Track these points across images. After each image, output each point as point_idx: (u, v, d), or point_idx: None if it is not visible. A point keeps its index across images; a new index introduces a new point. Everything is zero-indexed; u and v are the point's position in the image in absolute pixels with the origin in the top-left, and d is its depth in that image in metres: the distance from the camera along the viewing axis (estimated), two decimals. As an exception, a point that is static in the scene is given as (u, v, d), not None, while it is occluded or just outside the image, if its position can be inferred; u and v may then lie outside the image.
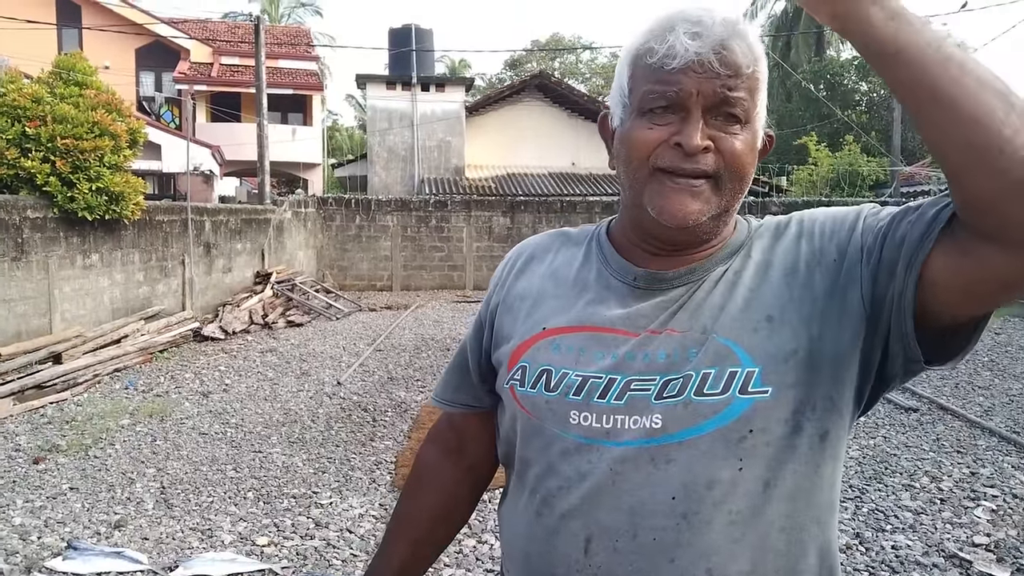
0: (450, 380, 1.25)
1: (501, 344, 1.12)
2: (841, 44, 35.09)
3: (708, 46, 0.91)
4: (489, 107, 23.26)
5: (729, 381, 0.93)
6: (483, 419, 1.23)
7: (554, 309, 1.07)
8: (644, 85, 0.96)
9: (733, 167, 0.95)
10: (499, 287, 1.17)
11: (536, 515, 1.03)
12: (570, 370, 1.01)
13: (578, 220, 17.41)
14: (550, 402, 1.02)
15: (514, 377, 1.06)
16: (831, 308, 0.95)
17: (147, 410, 6.68)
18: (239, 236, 13.23)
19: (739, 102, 0.94)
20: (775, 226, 1.05)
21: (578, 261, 1.11)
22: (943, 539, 4.04)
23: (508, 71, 44.89)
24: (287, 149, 22.75)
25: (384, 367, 8.67)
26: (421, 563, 1.26)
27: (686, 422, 0.94)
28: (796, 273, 0.98)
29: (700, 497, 0.93)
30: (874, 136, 26.68)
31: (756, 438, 0.93)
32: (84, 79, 9.40)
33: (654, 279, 1.03)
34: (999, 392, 7.35)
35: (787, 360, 0.93)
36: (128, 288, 9.96)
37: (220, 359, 9.15)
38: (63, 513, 4.41)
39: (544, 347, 1.05)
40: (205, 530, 4.19)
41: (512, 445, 1.10)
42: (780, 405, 0.93)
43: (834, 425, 0.97)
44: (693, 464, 0.94)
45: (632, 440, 0.96)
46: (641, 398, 0.96)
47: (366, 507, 4.50)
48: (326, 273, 17.33)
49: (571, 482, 0.99)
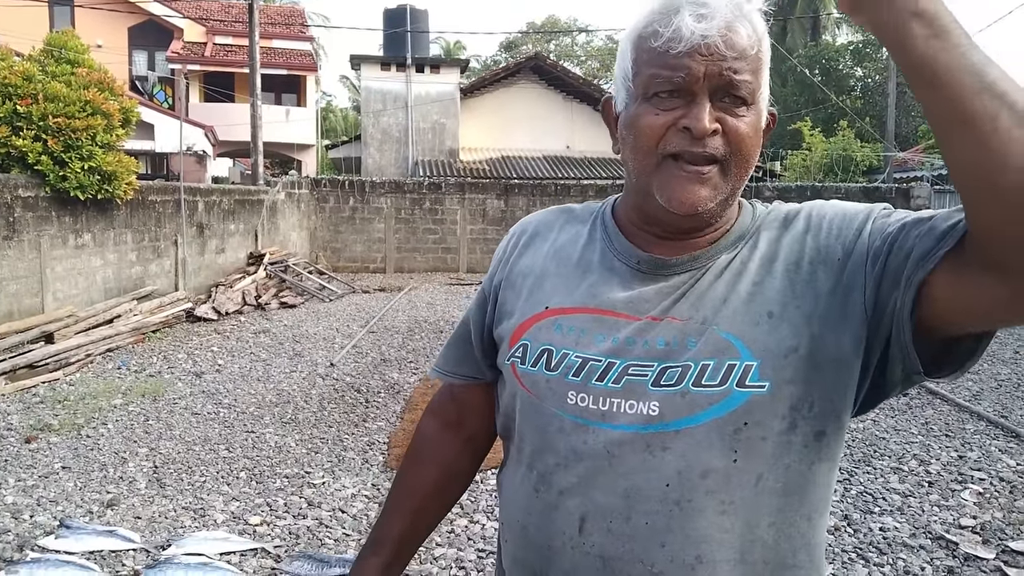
0: (452, 352, 1.26)
1: (503, 320, 1.12)
2: (836, 29, 35.02)
3: (715, 29, 0.90)
4: (484, 89, 23.16)
5: (728, 373, 0.93)
6: (483, 391, 1.23)
7: (557, 288, 1.07)
8: (649, 69, 0.95)
9: (740, 150, 0.95)
10: (502, 264, 1.17)
11: (534, 490, 1.05)
12: (571, 351, 1.02)
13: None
14: (550, 381, 1.03)
15: (515, 354, 1.07)
16: (832, 308, 0.94)
17: (140, 390, 6.68)
18: (232, 217, 13.18)
19: (745, 84, 0.93)
20: (783, 217, 1.03)
21: (583, 240, 1.11)
22: (930, 521, 4.08)
23: (503, 53, 44.66)
24: (281, 130, 22.63)
25: (377, 349, 8.68)
26: (420, 531, 1.29)
27: (683, 411, 0.95)
28: (800, 269, 0.97)
29: (693, 486, 0.95)
30: (868, 122, 26.67)
31: (751, 431, 0.94)
32: (76, 57, 9.32)
33: (658, 264, 1.02)
34: (987, 376, 7.41)
35: (786, 356, 0.93)
36: (121, 268, 9.93)
37: (213, 340, 9.15)
38: (55, 492, 4.42)
39: (546, 326, 1.05)
40: (198, 509, 4.20)
41: (511, 419, 1.12)
42: (777, 401, 0.94)
43: (830, 426, 0.98)
44: (688, 453, 0.94)
45: (628, 425, 0.97)
46: (638, 383, 0.97)
47: (358, 487, 4.52)
48: (319, 255, 17.30)
49: (568, 461, 1.00)
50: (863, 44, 32.36)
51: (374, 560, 1.25)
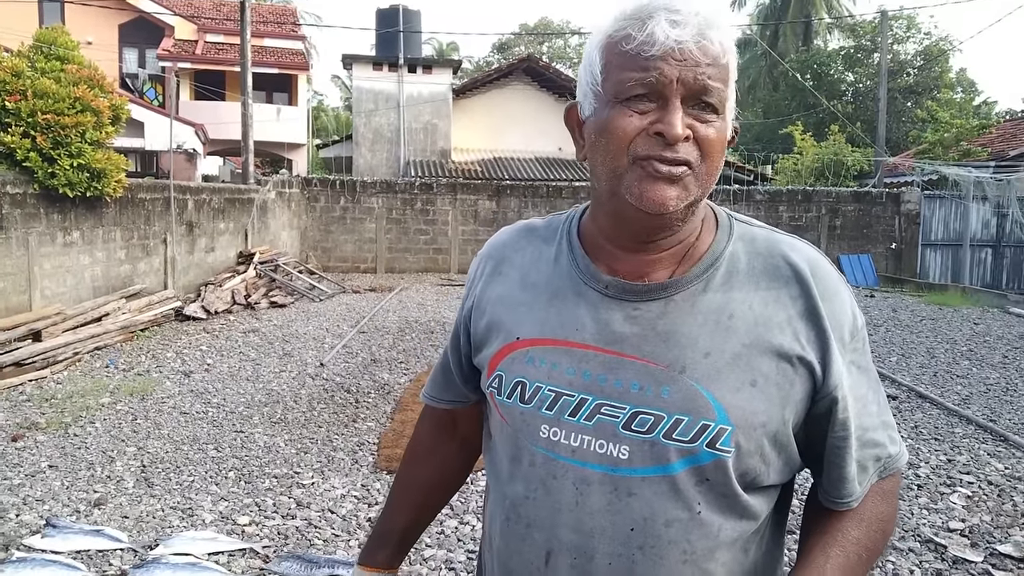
0: (438, 379, 1.31)
1: (481, 349, 1.14)
2: (828, 35, 35.19)
3: (689, 35, 0.91)
4: (476, 90, 23.14)
5: (700, 432, 0.95)
6: (473, 406, 1.28)
7: (526, 318, 1.07)
8: (621, 72, 0.94)
9: (709, 157, 0.95)
10: (471, 292, 1.18)
11: (506, 519, 1.08)
12: (543, 384, 1.03)
13: (564, 205, 17.38)
14: (524, 414, 1.05)
15: (492, 384, 1.10)
16: (797, 397, 0.99)
17: (128, 389, 6.64)
18: (222, 215, 13.13)
19: (717, 91, 0.93)
20: (771, 267, 1.02)
21: (548, 263, 1.10)
22: (919, 524, 4.10)
23: (496, 54, 44.69)
24: (272, 129, 22.55)
25: (367, 349, 8.66)
26: (421, 524, 1.38)
27: (650, 461, 0.97)
28: (784, 355, 0.98)
29: (657, 533, 0.97)
30: (859, 127, 26.81)
31: (714, 488, 0.97)
32: (66, 54, 9.25)
33: (625, 289, 1.02)
34: (976, 381, 7.44)
35: (756, 429, 0.96)
36: (109, 266, 9.87)
37: (202, 339, 9.10)
38: (42, 491, 4.38)
39: (519, 358, 1.06)
40: (186, 509, 4.18)
41: (492, 441, 1.16)
42: (740, 465, 0.97)
43: (786, 486, 1.07)
44: (654, 501, 0.97)
45: (597, 464, 0.99)
46: (610, 423, 0.98)
47: (348, 488, 4.50)
48: (310, 254, 17.24)
49: (537, 494, 1.03)
50: (855, 50, 32.55)
51: (381, 554, 1.33)
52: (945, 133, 20.01)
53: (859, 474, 1.02)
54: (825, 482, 1.04)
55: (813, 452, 1.04)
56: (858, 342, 1.03)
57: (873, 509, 1.05)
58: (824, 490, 1.05)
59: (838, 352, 0.99)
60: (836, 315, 1.00)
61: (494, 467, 1.13)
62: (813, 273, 1.01)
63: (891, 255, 18.13)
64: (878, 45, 25.64)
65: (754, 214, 17.78)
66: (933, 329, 10.63)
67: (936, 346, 9.33)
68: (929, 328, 10.72)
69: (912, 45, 31.89)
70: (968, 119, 21.51)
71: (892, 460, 1.06)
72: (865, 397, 1.03)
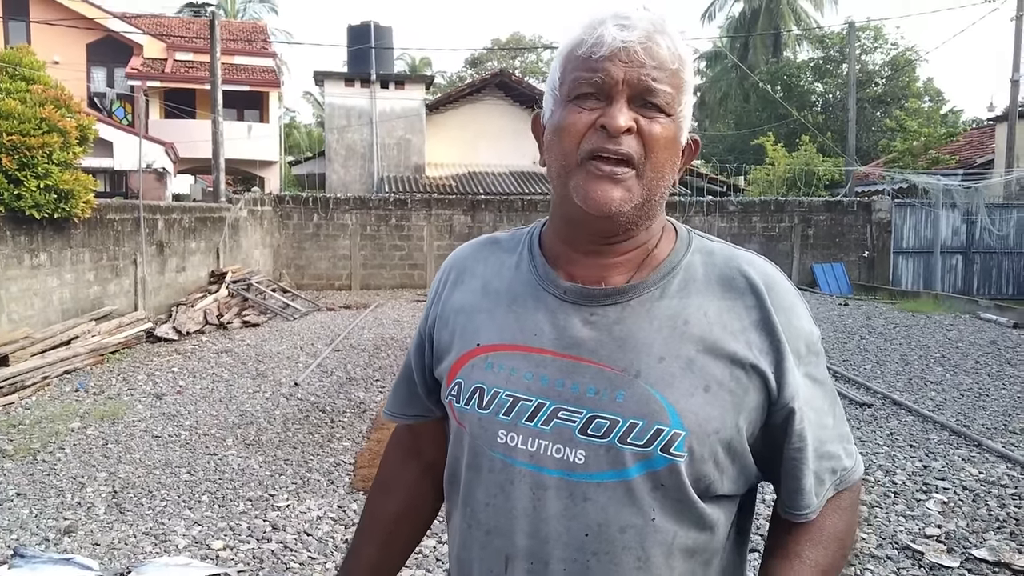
0: (399, 393, 1.28)
1: (442, 359, 1.14)
2: (797, 46, 35.67)
3: (635, 37, 0.95)
4: (450, 105, 23.16)
5: (654, 437, 0.95)
6: (437, 423, 1.25)
7: (487, 324, 1.08)
8: (573, 74, 0.99)
9: (654, 152, 0.97)
10: (435, 302, 1.19)
11: (467, 527, 1.07)
12: (501, 389, 1.03)
13: (538, 219, 17.42)
14: (482, 420, 1.04)
15: (452, 393, 1.09)
16: (751, 405, 0.99)
17: (98, 413, 6.52)
18: (193, 235, 12.99)
19: (663, 93, 0.96)
20: (727, 278, 1.04)
21: (509, 271, 1.12)
22: (896, 531, 4.11)
23: (469, 69, 44.82)
24: (243, 146, 22.41)
25: (343, 367, 8.58)
26: (391, 562, 1.30)
27: (606, 465, 0.97)
28: (738, 361, 0.99)
29: (611, 539, 0.98)
30: (830, 136, 27.16)
31: (669, 494, 0.97)
32: (32, 74, 9.15)
33: (583, 294, 1.04)
34: (950, 387, 7.52)
35: (710, 435, 0.97)
36: (78, 288, 9.72)
37: (174, 360, 8.98)
38: (9, 520, 4.28)
39: (478, 364, 1.06)
40: (159, 534, 4.10)
41: (453, 455, 1.14)
42: (694, 470, 0.97)
43: (746, 495, 1.08)
44: (609, 507, 0.97)
45: (553, 469, 0.99)
46: (567, 428, 0.99)
47: (324, 509, 4.44)
48: (283, 272, 17.11)
49: (495, 500, 1.03)
50: (823, 61, 33.00)
51: None
52: (914, 142, 20.35)
53: (816, 486, 1.03)
54: (783, 494, 1.06)
55: (770, 464, 1.05)
56: (814, 355, 1.04)
57: (831, 528, 1.06)
58: (782, 502, 1.06)
59: (793, 364, 1.00)
60: (791, 328, 1.01)
61: (457, 480, 1.12)
62: (768, 286, 1.03)
63: (864, 263, 18.34)
64: (846, 56, 26.01)
65: (728, 225, 18.05)
66: (907, 336, 10.74)
67: (910, 353, 9.42)
68: (903, 335, 10.83)
69: (880, 55, 32.43)
70: (936, 128, 21.88)
71: (848, 473, 1.07)
72: (821, 409, 1.04)
